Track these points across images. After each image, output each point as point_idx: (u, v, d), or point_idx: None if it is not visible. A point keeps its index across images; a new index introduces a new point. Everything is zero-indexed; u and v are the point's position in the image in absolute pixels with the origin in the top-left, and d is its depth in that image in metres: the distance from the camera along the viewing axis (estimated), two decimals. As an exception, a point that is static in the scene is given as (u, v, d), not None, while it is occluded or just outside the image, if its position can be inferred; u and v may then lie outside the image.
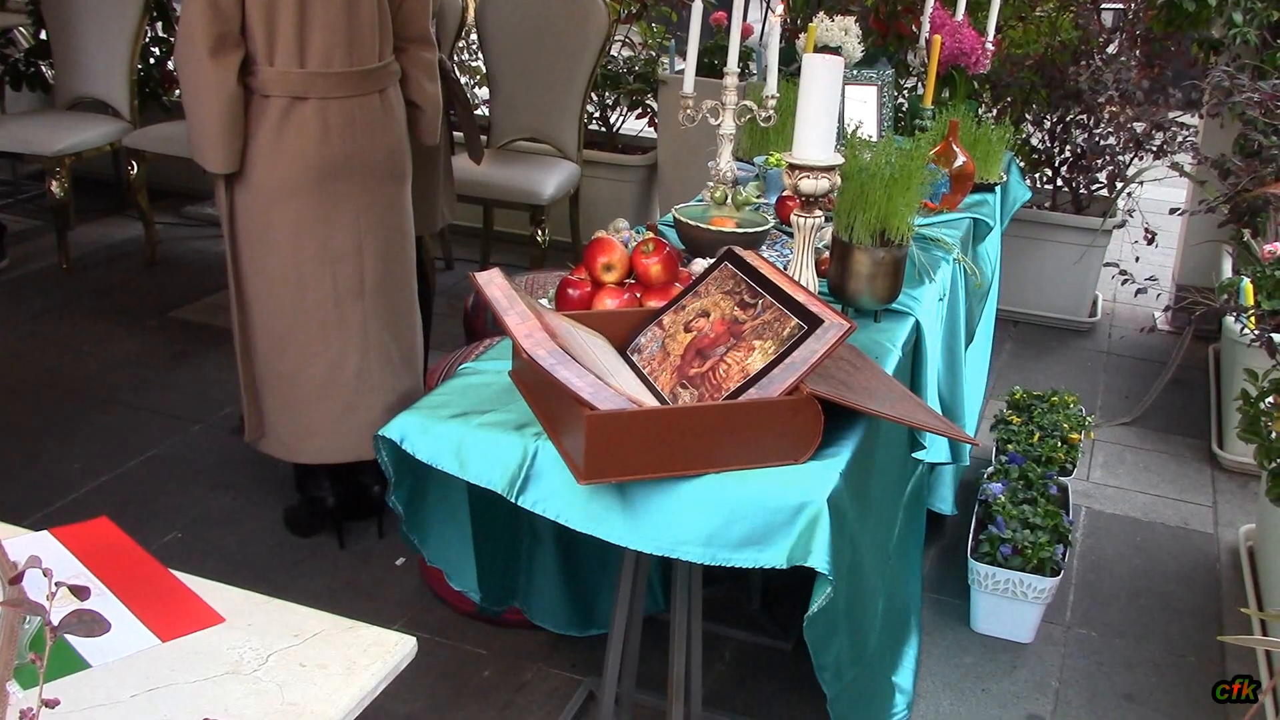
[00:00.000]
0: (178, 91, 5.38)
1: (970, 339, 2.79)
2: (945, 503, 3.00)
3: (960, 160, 2.69)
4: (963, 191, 2.73)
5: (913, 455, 2.24)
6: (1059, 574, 2.61)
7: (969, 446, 2.83)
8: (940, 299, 2.39)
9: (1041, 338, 4.48)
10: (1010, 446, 3.01)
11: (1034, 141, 4.52)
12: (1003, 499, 2.72)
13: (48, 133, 4.52)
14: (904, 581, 2.32)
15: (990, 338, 3.36)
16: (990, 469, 2.93)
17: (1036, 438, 3.03)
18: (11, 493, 3.07)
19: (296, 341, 2.62)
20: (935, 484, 2.93)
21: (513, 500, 1.60)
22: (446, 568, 2.03)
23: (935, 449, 2.31)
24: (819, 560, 1.50)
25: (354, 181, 2.56)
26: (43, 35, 5.06)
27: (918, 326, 2.15)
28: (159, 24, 5.18)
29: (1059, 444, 3.01)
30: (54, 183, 4.54)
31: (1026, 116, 4.45)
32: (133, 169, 4.66)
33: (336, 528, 2.92)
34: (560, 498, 1.59)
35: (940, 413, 2.42)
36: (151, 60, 5.23)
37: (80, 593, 1.03)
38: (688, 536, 1.54)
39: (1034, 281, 4.52)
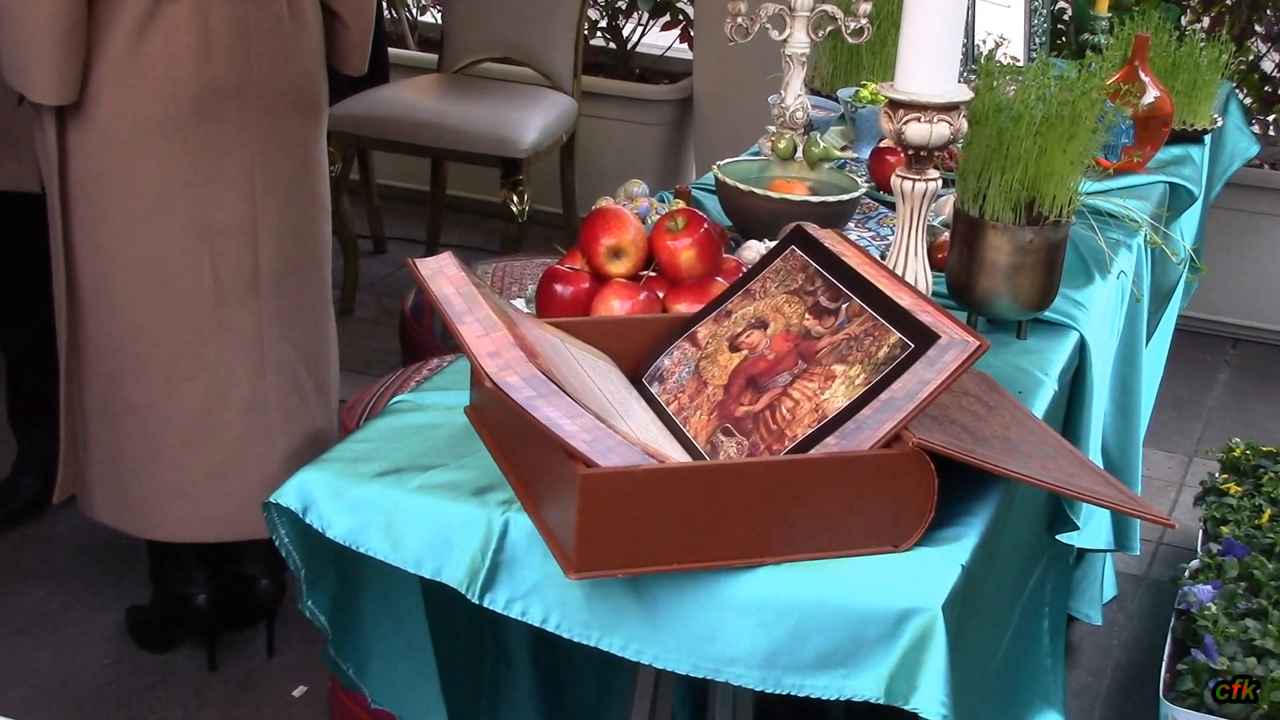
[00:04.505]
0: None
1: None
2: (1095, 608, 2.94)
3: (1151, 96, 2.69)
4: (1154, 143, 2.73)
5: (1056, 537, 2.22)
6: (1299, 723, 2.60)
7: (1146, 529, 2.79)
8: (1120, 304, 2.38)
9: (1274, 364, 4.46)
10: (1225, 529, 2.99)
11: (1265, 68, 4.52)
12: (1214, 609, 2.70)
13: None
14: (1001, 710, 2.31)
15: (1164, 357, 3.34)
16: (1194, 563, 2.91)
17: (1267, 516, 3.01)
18: None
19: (159, 358, 2.63)
20: (1081, 580, 2.88)
21: (474, 599, 1.60)
22: (400, 709, 2.02)
23: (1091, 530, 2.29)
24: (930, 701, 1.48)
25: (246, 119, 2.58)
26: None
27: (1083, 346, 2.15)
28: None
29: (1300, 527, 3.00)
30: None
31: (1256, 29, 4.45)
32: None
33: (208, 639, 2.93)
34: (546, 595, 1.58)
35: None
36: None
37: None
38: (737, 653, 1.54)
39: (1262, 279, 4.51)
